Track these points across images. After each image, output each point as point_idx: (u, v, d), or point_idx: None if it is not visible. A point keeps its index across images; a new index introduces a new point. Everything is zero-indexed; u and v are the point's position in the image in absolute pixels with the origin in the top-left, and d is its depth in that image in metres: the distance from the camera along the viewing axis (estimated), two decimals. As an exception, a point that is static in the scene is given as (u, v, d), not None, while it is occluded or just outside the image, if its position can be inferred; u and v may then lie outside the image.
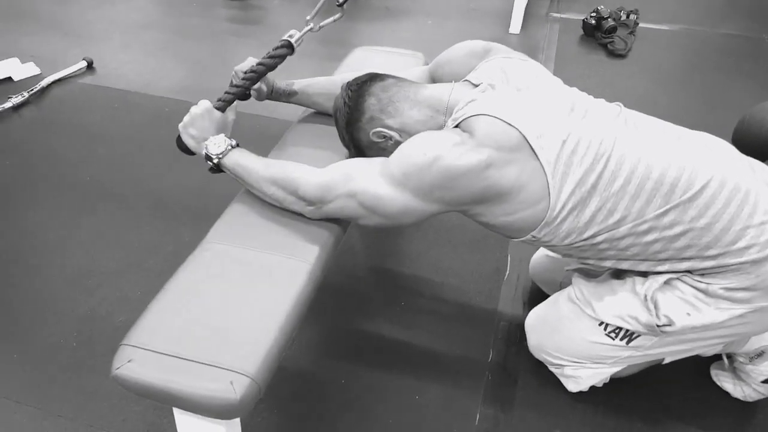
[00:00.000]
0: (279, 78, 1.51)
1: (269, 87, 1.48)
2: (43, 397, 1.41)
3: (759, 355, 1.33)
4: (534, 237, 1.16)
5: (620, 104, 1.21)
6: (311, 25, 1.41)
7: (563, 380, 1.40)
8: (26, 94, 2.52)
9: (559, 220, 1.11)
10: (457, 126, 1.14)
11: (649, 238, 1.11)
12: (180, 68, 2.82)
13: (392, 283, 1.73)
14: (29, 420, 1.37)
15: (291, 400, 1.40)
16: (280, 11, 3.41)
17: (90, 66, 2.77)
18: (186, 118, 1.30)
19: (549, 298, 1.42)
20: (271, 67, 1.38)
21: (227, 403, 0.95)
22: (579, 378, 1.36)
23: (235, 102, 1.38)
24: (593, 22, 3.07)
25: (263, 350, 1.02)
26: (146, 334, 1.05)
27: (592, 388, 1.38)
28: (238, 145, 1.29)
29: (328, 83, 1.49)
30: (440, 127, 1.19)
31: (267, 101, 1.55)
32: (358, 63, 1.82)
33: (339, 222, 1.27)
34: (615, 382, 1.39)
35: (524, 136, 1.08)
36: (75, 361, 1.49)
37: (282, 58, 1.38)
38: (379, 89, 1.22)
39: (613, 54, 2.95)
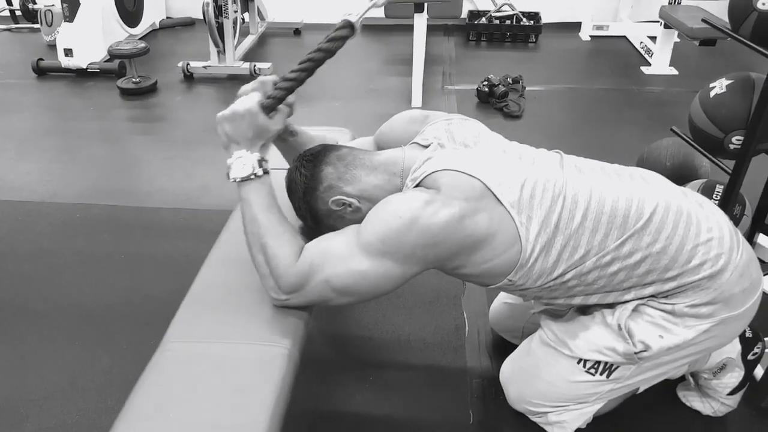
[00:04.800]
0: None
1: (291, 114, 1.27)
2: None
3: (721, 368, 1.40)
4: (510, 281, 1.18)
5: (560, 151, 1.29)
6: None
7: (548, 428, 1.39)
8: None
9: (531, 261, 1.15)
10: (418, 185, 1.16)
11: (613, 268, 1.16)
12: (87, 173, 2.68)
13: (356, 359, 1.67)
14: None
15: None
16: (183, 107, 3.38)
17: (-17, 181, 2.57)
18: (227, 111, 1.16)
19: (520, 346, 1.43)
20: (332, 52, 1.16)
21: None
22: (564, 422, 1.36)
23: (286, 111, 1.20)
24: (486, 89, 3.31)
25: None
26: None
27: (577, 430, 1.38)
28: (266, 173, 1.18)
29: (317, 134, 1.45)
30: (398, 189, 1.21)
31: (194, 189, 1.48)
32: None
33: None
34: (595, 421, 1.40)
35: (486, 185, 1.12)
36: None
37: (343, 40, 1.15)
38: (334, 158, 1.23)
39: (510, 116, 3.19)
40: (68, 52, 3.67)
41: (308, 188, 1.23)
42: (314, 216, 1.27)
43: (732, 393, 1.42)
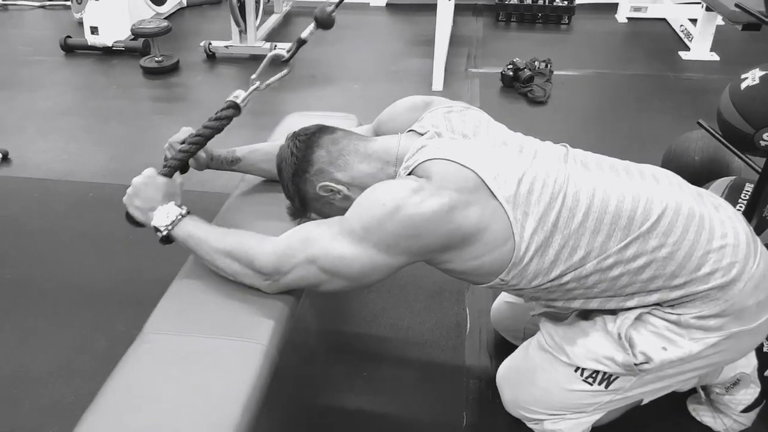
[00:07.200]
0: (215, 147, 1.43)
1: (208, 155, 1.41)
2: None
3: (735, 384, 1.31)
4: (502, 280, 1.11)
5: (566, 144, 1.21)
6: (257, 83, 1.35)
7: (544, 436, 1.33)
8: (-68, 193, 2.32)
9: (525, 260, 1.08)
10: (410, 173, 1.10)
11: (615, 272, 1.08)
12: (104, 152, 2.70)
13: (351, 353, 1.63)
14: None
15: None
16: (203, 87, 3.36)
17: (5, 157, 2.61)
18: (129, 190, 1.22)
19: (518, 349, 1.37)
20: (218, 130, 1.30)
21: None
22: (560, 431, 1.29)
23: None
24: (511, 73, 3.18)
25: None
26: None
27: (574, 439, 1.31)
28: (189, 213, 1.21)
29: (271, 148, 1.43)
30: (391, 178, 1.15)
31: (207, 170, 1.46)
32: (292, 129, 1.77)
33: (292, 292, 1.19)
34: (596, 430, 1.32)
35: (480, 177, 1.05)
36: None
37: (228, 119, 1.31)
38: (328, 141, 1.18)
39: (534, 101, 3.06)
40: (94, 30, 3.69)
41: (298, 170, 1.19)
42: (302, 198, 1.22)
43: (746, 410, 1.33)
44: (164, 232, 1.18)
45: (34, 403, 1.50)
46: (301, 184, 1.20)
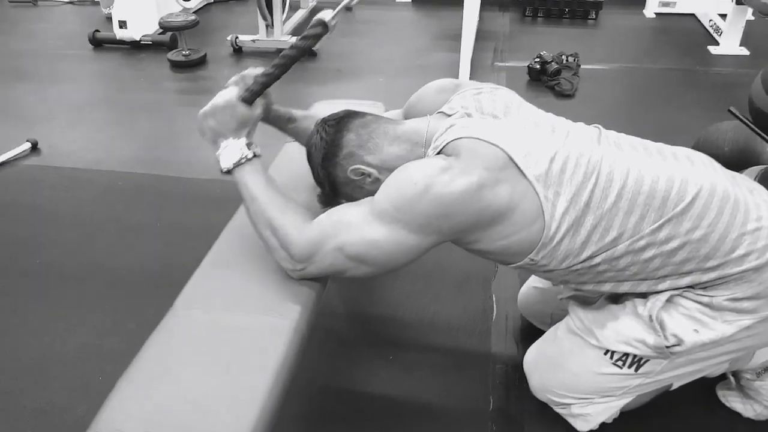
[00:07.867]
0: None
1: (269, 103, 1.32)
2: None
3: (766, 369, 1.29)
4: (532, 260, 1.11)
5: (599, 126, 1.20)
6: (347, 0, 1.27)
7: (571, 420, 1.32)
8: (-35, 180, 2.37)
9: (556, 240, 1.07)
10: (439, 153, 1.11)
11: (648, 254, 1.07)
12: (131, 142, 2.74)
13: (377, 337, 1.64)
14: None
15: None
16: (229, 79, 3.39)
17: (35, 147, 2.65)
18: (207, 107, 1.20)
19: (546, 333, 1.36)
20: (306, 50, 1.20)
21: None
22: (588, 416, 1.28)
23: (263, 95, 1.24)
24: (538, 66, 3.17)
25: (250, 427, 0.91)
26: (116, 421, 0.93)
27: (602, 424, 1.30)
28: (255, 156, 1.18)
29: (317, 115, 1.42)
30: (420, 159, 1.15)
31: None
32: (320, 116, 1.78)
33: (321, 271, 1.20)
34: (624, 416, 1.31)
35: (509, 156, 1.05)
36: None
37: (317, 38, 1.19)
38: (358, 125, 1.18)
39: (561, 95, 3.05)
40: (123, 24, 3.74)
41: (328, 154, 1.19)
42: (332, 183, 1.23)
43: (778, 397, 1.31)
44: (224, 170, 1.18)
45: (63, 384, 1.52)
46: (331, 168, 1.20)
